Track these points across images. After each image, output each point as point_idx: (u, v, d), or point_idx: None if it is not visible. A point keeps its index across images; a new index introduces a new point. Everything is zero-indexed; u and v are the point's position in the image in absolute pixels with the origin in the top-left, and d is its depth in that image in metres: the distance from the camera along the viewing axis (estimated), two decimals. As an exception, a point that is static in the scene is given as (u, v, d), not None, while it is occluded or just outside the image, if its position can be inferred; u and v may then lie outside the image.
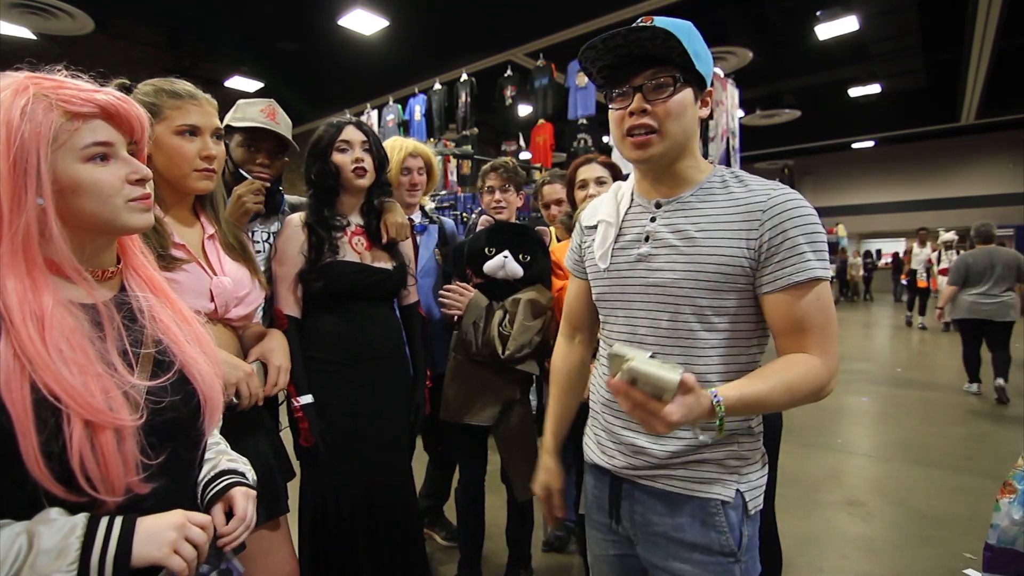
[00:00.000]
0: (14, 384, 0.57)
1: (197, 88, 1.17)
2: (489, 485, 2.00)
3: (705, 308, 0.89)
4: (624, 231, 0.99)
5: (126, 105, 0.68)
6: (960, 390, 4.92)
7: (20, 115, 0.59)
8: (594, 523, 1.07)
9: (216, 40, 7.27)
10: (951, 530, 2.49)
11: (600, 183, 1.87)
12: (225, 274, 1.20)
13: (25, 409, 0.57)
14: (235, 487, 0.79)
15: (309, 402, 1.47)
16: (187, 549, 0.65)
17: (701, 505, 0.91)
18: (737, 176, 0.94)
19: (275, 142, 1.62)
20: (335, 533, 1.51)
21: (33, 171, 0.59)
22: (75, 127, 0.63)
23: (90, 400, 0.60)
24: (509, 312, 1.74)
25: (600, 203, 1.08)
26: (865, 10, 6.41)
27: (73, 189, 0.63)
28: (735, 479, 0.92)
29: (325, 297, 1.52)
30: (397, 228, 1.62)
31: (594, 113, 4.80)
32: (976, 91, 9.00)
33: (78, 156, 0.63)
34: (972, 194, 14.25)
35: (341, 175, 1.53)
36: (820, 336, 0.85)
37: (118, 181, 0.66)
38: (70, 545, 0.58)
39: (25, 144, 0.59)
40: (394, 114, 5.96)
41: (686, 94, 0.89)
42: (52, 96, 0.62)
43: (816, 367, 0.84)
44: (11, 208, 0.59)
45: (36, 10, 5.19)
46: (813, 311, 0.84)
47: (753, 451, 0.95)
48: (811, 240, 0.85)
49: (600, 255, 1.01)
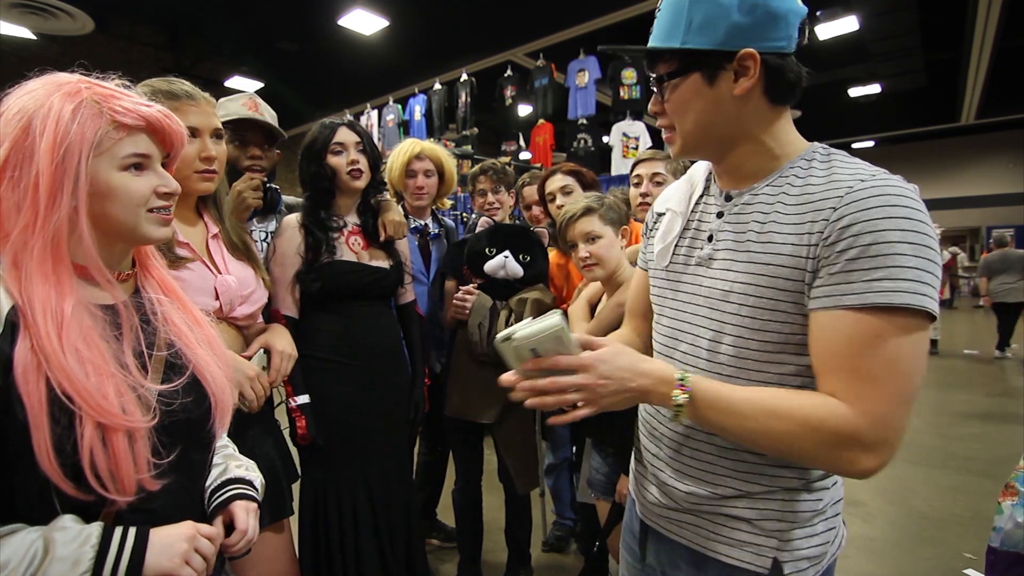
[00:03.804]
0: (31, 379, 0.58)
1: (196, 87, 1.17)
2: (487, 485, 2.00)
3: (749, 332, 0.71)
4: (691, 225, 0.83)
5: (170, 121, 0.70)
6: (960, 390, 4.94)
7: (71, 117, 0.61)
8: (627, 546, 0.99)
9: (216, 40, 7.27)
10: (951, 530, 2.49)
11: (566, 193, 1.88)
12: (230, 273, 1.20)
13: (40, 404, 0.58)
14: (237, 500, 0.79)
15: (306, 402, 1.47)
16: (197, 560, 0.66)
17: (729, 571, 0.76)
18: (828, 157, 0.72)
19: (263, 134, 1.62)
20: (335, 532, 1.51)
21: (72, 172, 0.61)
22: (119, 137, 0.65)
23: (102, 402, 0.61)
24: (515, 312, 1.75)
25: (675, 188, 0.92)
26: (865, 10, 6.40)
27: (105, 194, 0.65)
28: (774, 545, 0.73)
29: (323, 297, 1.52)
30: (395, 226, 1.62)
31: (594, 113, 4.80)
32: (976, 91, 9.00)
33: (116, 164, 0.65)
34: (972, 194, 14.25)
35: (337, 177, 1.53)
36: (872, 387, 0.59)
37: (147, 191, 0.69)
38: (84, 554, 0.58)
39: (71, 146, 0.61)
40: (394, 114, 5.96)
41: (690, 82, 0.72)
42: (103, 104, 0.64)
43: (839, 411, 0.60)
44: (47, 205, 0.61)
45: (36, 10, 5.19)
46: (870, 353, 0.59)
47: (808, 512, 0.73)
48: (899, 251, 0.58)
49: (660, 251, 0.86)
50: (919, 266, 0.58)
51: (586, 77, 4.82)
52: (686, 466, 0.80)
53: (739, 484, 0.75)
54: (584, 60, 4.85)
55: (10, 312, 0.60)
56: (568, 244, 1.56)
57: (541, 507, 2.32)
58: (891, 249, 0.59)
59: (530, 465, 1.87)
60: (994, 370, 5.92)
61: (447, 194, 2.15)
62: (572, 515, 2.36)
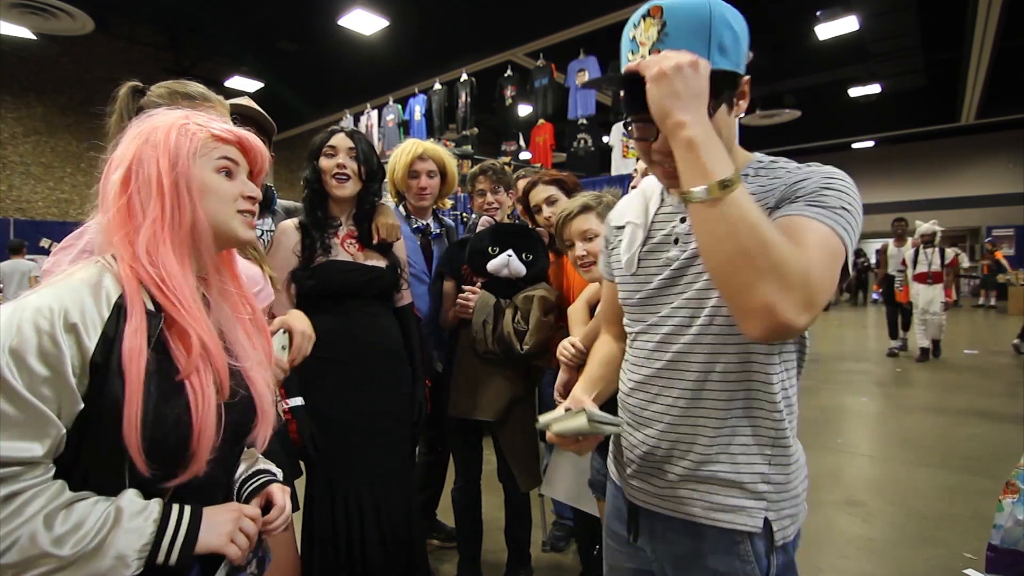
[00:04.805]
0: (135, 358, 0.65)
1: (209, 89, 1.19)
2: (486, 485, 2.00)
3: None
4: (653, 234, 0.92)
5: (255, 142, 0.83)
6: (960, 390, 4.95)
7: (180, 131, 0.75)
8: (611, 533, 1.03)
9: (216, 40, 7.28)
10: (951, 530, 2.49)
11: (551, 203, 1.88)
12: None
13: (140, 381, 0.65)
14: (272, 483, 0.87)
15: (299, 404, 1.48)
16: (242, 539, 0.73)
17: (724, 533, 0.83)
18: (773, 162, 0.84)
19: (256, 130, 1.63)
20: (335, 531, 1.52)
21: (185, 172, 0.73)
22: (215, 145, 0.78)
23: (224, 367, 0.73)
24: (521, 309, 1.76)
25: (628, 202, 1.01)
26: (865, 10, 6.41)
27: (203, 190, 0.75)
28: (763, 507, 0.82)
29: (318, 296, 1.53)
30: (387, 229, 1.63)
31: (594, 113, 4.80)
32: (976, 91, 9.00)
33: (212, 165, 0.77)
34: (972, 194, 14.25)
35: (323, 179, 1.58)
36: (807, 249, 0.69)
37: (236, 192, 0.80)
38: (146, 528, 0.65)
39: (180, 150, 0.74)
40: (394, 114, 5.96)
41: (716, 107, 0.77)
42: (204, 126, 0.78)
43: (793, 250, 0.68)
44: (172, 201, 0.72)
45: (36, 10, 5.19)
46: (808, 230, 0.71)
47: (788, 480, 0.84)
48: (825, 195, 0.73)
49: (627, 260, 0.94)
50: (840, 205, 0.73)
51: (586, 77, 4.82)
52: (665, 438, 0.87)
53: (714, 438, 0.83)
54: (584, 60, 4.85)
55: (119, 299, 0.68)
56: (565, 243, 1.56)
57: (541, 507, 2.32)
58: (822, 191, 0.74)
59: (532, 463, 1.87)
60: (994, 370, 5.91)
61: (448, 194, 2.15)
62: (572, 515, 2.36)
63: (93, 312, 0.66)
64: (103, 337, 0.65)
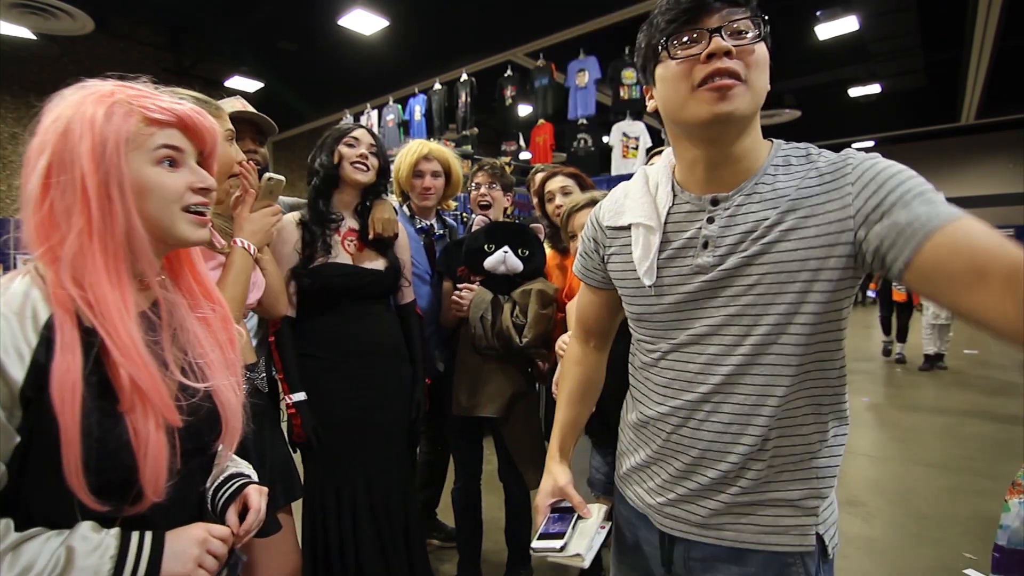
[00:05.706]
0: (67, 395, 0.58)
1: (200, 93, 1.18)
2: (486, 485, 2.00)
3: (792, 312, 0.71)
4: (669, 236, 0.79)
5: (200, 117, 0.70)
6: (960, 390, 4.96)
7: (105, 118, 0.62)
8: (636, 565, 0.92)
9: (216, 40, 7.26)
10: (951, 530, 2.49)
11: (565, 193, 1.90)
12: None
13: (74, 420, 0.58)
14: (248, 486, 0.81)
15: (302, 399, 1.48)
16: (210, 561, 0.68)
17: (774, 557, 0.75)
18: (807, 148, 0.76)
19: (254, 129, 1.64)
20: (335, 531, 1.52)
21: (115, 171, 0.62)
22: (151, 132, 0.65)
23: (166, 398, 0.64)
24: (519, 303, 1.77)
25: (628, 199, 0.86)
26: (865, 10, 6.40)
27: (139, 191, 0.64)
28: (814, 522, 0.75)
29: (318, 296, 1.53)
30: (383, 223, 1.62)
31: (594, 113, 4.80)
32: (976, 91, 8.99)
33: (149, 158, 0.65)
34: (972, 194, 14.23)
35: (341, 167, 1.56)
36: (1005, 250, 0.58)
37: (182, 187, 0.68)
38: (102, 567, 0.59)
39: (108, 145, 0.61)
40: (394, 114, 5.96)
41: (764, 47, 0.70)
42: (134, 103, 0.64)
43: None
44: (99, 207, 0.61)
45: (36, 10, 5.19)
46: (979, 236, 0.61)
47: (831, 488, 0.78)
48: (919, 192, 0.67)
49: (644, 269, 0.80)
50: (929, 191, 0.68)
51: (586, 77, 4.82)
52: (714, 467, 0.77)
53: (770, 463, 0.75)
54: (584, 60, 4.85)
55: (48, 319, 0.60)
56: (569, 235, 1.57)
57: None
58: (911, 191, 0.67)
59: (538, 459, 1.87)
60: (994, 370, 5.92)
61: (453, 195, 2.15)
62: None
63: (19, 339, 0.58)
64: (33, 365, 0.58)
